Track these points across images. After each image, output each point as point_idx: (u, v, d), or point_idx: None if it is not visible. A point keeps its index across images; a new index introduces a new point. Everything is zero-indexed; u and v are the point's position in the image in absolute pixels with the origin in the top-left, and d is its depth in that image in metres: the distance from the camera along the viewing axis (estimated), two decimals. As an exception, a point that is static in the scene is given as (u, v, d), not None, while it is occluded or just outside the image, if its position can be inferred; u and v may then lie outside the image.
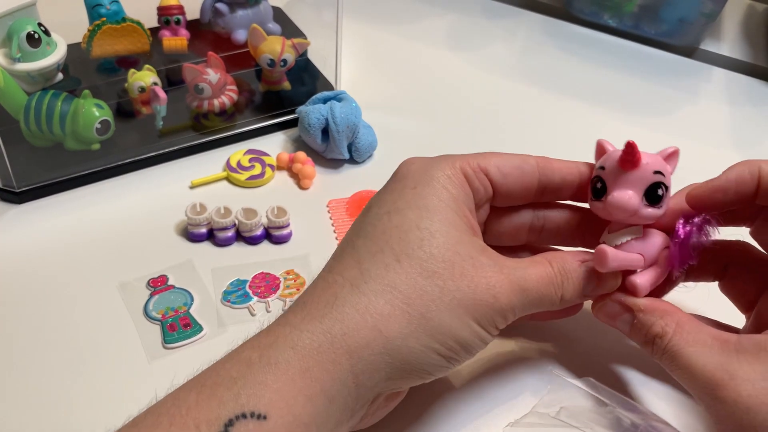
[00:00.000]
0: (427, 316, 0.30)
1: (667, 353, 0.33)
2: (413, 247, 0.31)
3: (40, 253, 0.45)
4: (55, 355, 0.39)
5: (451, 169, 0.34)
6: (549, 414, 0.36)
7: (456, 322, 0.31)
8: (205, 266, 0.45)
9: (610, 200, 0.33)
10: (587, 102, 0.63)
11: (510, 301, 0.32)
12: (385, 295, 0.30)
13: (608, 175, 0.34)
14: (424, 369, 0.31)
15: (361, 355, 0.29)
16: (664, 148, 0.35)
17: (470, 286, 0.31)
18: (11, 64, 0.48)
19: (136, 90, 0.51)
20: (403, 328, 0.30)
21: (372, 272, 0.31)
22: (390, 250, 0.31)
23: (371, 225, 0.33)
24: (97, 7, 0.53)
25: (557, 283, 0.34)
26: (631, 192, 0.33)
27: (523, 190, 0.36)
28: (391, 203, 0.33)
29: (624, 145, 0.33)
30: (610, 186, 0.34)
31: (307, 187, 0.51)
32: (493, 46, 0.70)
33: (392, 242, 0.31)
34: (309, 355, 0.28)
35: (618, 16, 0.71)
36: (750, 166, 0.34)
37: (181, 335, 0.40)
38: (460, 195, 0.34)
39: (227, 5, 0.58)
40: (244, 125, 0.55)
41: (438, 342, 0.30)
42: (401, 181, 0.34)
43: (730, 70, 0.69)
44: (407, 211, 0.32)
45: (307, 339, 0.29)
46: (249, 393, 0.27)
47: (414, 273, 0.31)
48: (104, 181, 0.51)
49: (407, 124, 0.58)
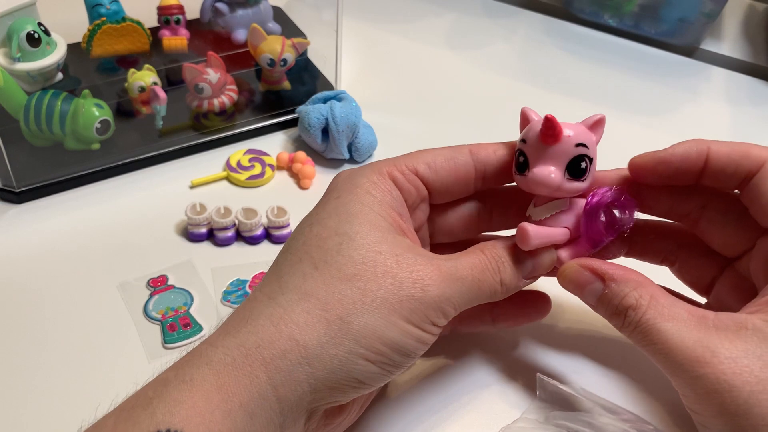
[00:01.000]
0: (348, 320, 0.29)
1: (640, 327, 0.31)
2: (332, 252, 0.30)
3: (39, 253, 0.45)
4: (55, 355, 0.39)
5: (376, 174, 0.34)
6: (538, 419, 0.36)
7: (381, 323, 0.29)
8: (205, 266, 0.45)
9: (531, 176, 0.32)
10: (587, 101, 0.63)
11: (443, 292, 0.31)
12: (302, 303, 0.29)
13: (530, 149, 0.33)
14: (353, 377, 0.29)
15: (278, 366, 0.28)
16: (589, 117, 0.34)
17: (394, 283, 0.30)
18: (11, 63, 0.48)
19: (136, 90, 0.51)
20: (322, 336, 0.28)
21: (290, 283, 0.30)
22: (309, 259, 0.30)
23: (293, 239, 0.32)
24: (97, 7, 0.53)
25: (492, 268, 0.33)
26: (552, 167, 0.32)
27: (461, 182, 0.35)
28: (314, 215, 0.33)
29: (543, 119, 0.32)
30: (532, 160, 0.33)
31: (307, 186, 0.51)
32: (493, 46, 0.70)
33: (311, 251, 0.31)
34: (224, 370, 0.28)
35: (618, 15, 0.71)
36: (699, 145, 0.34)
37: (181, 335, 0.40)
38: (386, 198, 0.33)
39: (227, 5, 0.58)
40: (244, 125, 0.55)
41: (363, 347, 0.29)
42: (328, 194, 0.34)
43: (730, 70, 0.69)
44: (327, 220, 0.32)
45: (222, 354, 0.28)
46: (164, 410, 0.26)
47: (332, 278, 0.30)
48: (104, 180, 0.51)
49: (407, 124, 0.58)
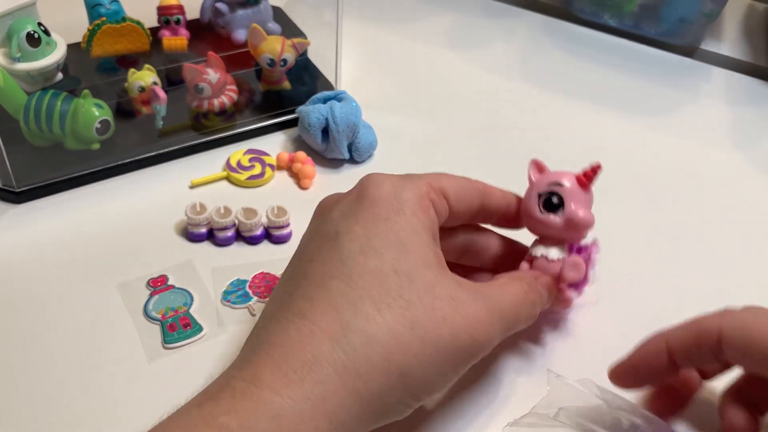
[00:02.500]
0: (407, 373, 0.30)
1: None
2: (393, 295, 0.30)
3: (39, 252, 0.45)
4: (55, 355, 0.39)
5: (418, 194, 0.34)
6: (548, 415, 0.36)
7: (436, 378, 0.31)
8: (205, 266, 0.45)
9: (574, 215, 0.37)
10: (587, 101, 0.63)
11: (489, 336, 0.33)
12: (366, 349, 0.29)
13: (567, 193, 0.38)
14: (392, 418, 0.31)
15: (340, 419, 0.28)
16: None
17: (451, 332, 0.31)
18: (11, 63, 0.48)
19: (136, 90, 0.51)
20: (382, 387, 0.29)
21: (352, 325, 0.29)
22: (370, 298, 0.30)
23: (346, 266, 0.31)
24: (97, 7, 0.53)
25: (530, 302, 0.35)
26: (589, 209, 0.38)
27: (466, 214, 0.38)
28: (365, 239, 0.32)
29: (592, 167, 0.38)
30: (568, 202, 0.38)
31: (307, 186, 0.51)
32: (493, 46, 0.70)
33: (371, 289, 0.30)
34: (292, 425, 0.27)
35: (618, 15, 0.71)
36: (656, 341, 0.35)
37: (181, 335, 0.40)
38: (427, 222, 0.34)
39: (227, 5, 0.57)
40: (244, 125, 0.55)
41: (413, 398, 0.31)
42: (371, 209, 0.33)
43: (730, 70, 0.69)
44: (383, 251, 0.32)
45: (290, 408, 0.27)
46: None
47: (395, 323, 0.30)
48: (104, 181, 0.51)
49: (407, 124, 0.58)
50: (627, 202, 0.52)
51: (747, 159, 0.58)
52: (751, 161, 0.58)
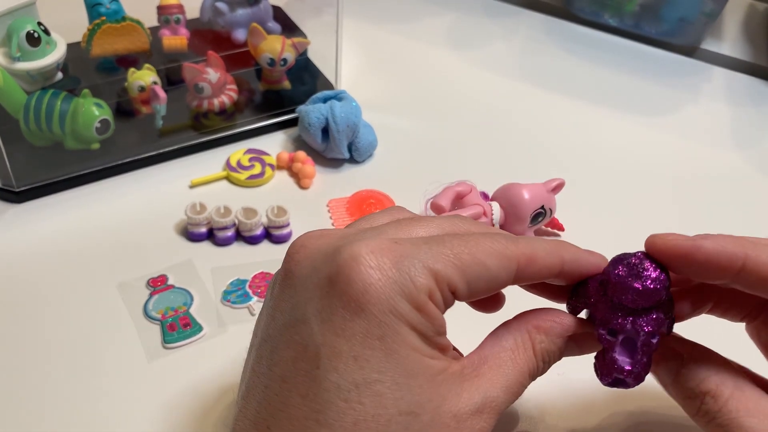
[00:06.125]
0: None
1: (719, 419, 0.27)
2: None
3: (39, 252, 0.45)
4: (55, 355, 0.39)
5: (415, 297, 0.26)
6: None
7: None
8: (205, 266, 0.45)
9: None
10: (587, 101, 0.63)
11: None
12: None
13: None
14: None
15: None
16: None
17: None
18: (11, 63, 0.48)
19: (136, 89, 0.51)
20: None
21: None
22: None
23: (337, 407, 0.25)
24: (97, 6, 0.53)
25: (536, 369, 0.29)
26: None
27: (485, 292, 0.29)
28: (356, 369, 0.25)
29: None
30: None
31: (307, 186, 0.51)
32: (493, 46, 0.70)
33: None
34: None
35: (619, 15, 0.71)
36: (735, 246, 0.28)
37: (180, 335, 0.40)
38: (429, 329, 0.26)
39: (227, 4, 0.57)
40: (244, 124, 0.55)
41: None
42: (356, 320, 0.25)
43: (730, 70, 0.69)
44: (381, 388, 0.25)
45: None
46: None
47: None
48: (104, 180, 0.51)
49: (407, 124, 0.58)
50: (627, 202, 0.52)
51: (747, 158, 0.58)
52: (751, 161, 0.58)
